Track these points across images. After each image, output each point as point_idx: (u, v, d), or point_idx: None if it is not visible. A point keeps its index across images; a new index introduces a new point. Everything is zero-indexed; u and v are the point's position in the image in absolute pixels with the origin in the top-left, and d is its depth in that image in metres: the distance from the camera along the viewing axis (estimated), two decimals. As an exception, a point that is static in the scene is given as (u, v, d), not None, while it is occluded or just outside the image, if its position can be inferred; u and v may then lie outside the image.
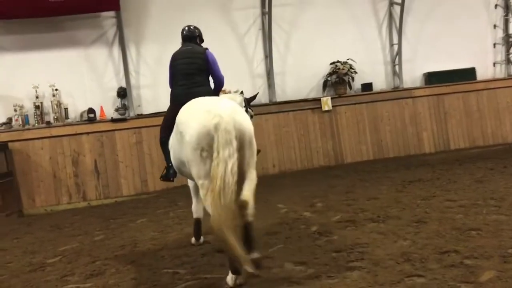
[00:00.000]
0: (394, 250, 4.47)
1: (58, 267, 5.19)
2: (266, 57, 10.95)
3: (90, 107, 9.83)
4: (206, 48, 5.42)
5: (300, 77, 11.04)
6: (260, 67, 11.02)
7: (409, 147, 11.32)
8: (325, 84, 11.11)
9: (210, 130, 3.93)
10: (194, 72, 5.14)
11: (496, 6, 12.12)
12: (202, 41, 5.70)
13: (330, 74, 11.02)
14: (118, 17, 10.03)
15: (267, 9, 10.58)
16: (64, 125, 9.73)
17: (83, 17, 9.97)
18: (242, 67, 10.90)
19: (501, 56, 12.23)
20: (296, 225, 5.95)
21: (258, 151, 4.62)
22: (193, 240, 5.52)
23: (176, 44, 10.35)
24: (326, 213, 6.42)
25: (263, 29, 10.91)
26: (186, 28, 5.58)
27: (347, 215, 6.16)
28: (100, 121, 9.88)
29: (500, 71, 12.25)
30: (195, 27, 5.61)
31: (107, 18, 10.18)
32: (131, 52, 10.33)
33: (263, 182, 9.00)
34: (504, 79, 12.07)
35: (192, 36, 5.53)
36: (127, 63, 10.15)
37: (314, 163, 10.84)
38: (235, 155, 3.83)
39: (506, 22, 12.16)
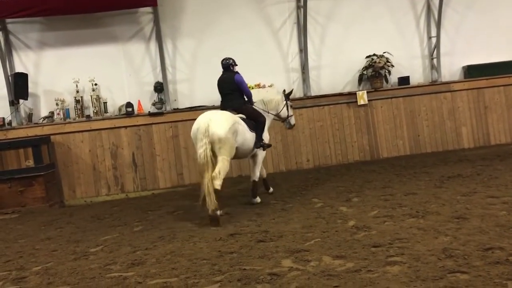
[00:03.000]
0: (435, 245, 4.40)
1: (101, 256, 5.36)
2: (301, 51, 10.90)
3: (128, 101, 10.05)
4: (236, 72, 7.51)
5: (335, 71, 10.93)
6: (295, 61, 10.97)
7: (447, 142, 11.04)
8: (360, 78, 10.96)
9: (194, 132, 6.77)
10: (228, 92, 7.47)
11: (540, -4, 11.65)
12: (235, 65, 7.68)
13: (366, 68, 10.86)
14: (155, 13, 10.18)
15: (302, 3, 10.51)
16: (103, 119, 9.99)
17: (121, 13, 10.18)
18: (277, 61, 10.88)
19: (545, 48, 11.75)
20: (333, 220, 5.93)
21: (269, 146, 7.70)
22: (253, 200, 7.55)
23: (211, 39, 10.61)
24: (363, 208, 6.38)
25: (298, 22, 10.85)
26: (223, 61, 7.63)
27: (384, 210, 6.10)
28: (137, 115, 10.09)
29: (544, 64, 11.76)
30: (228, 59, 7.64)
31: (144, 13, 10.35)
32: (168, 47, 10.48)
33: (297, 176, 9.09)
34: (547, 72, 11.60)
35: (226, 66, 7.61)
36: (163, 58, 10.30)
37: (349, 158, 10.74)
38: (204, 147, 6.44)
39: (550, 12, 11.66)
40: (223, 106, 7.44)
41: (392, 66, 10.82)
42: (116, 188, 9.92)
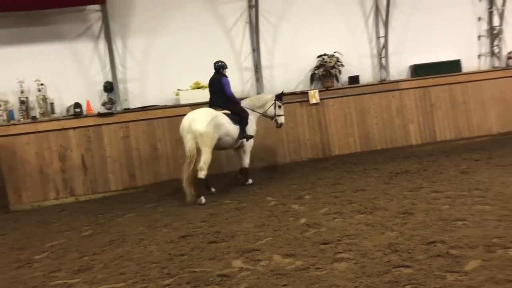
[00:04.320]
0: (382, 241, 4.53)
1: (46, 263, 5.17)
2: (253, 50, 10.92)
3: (76, 101, 9.72)
4: (224, 75, 8.61)
5: (288, 70, 11.03)
6: (247, 61, 10.98)
7: (396, 139, 11.40)
8: (312, 77, 11.12)
9: (181, 130, 8.00)
10: (215, 91, 8.62)
11: (480, -2, 12.23)
12: (225, 68, 8.72)
13: (317, 67, 11.03)
14: (104, 11, 9.89)
15: (253, 2, 10.53)
16: (50, 120, 9.60)
17: (69, 11, 9.82)
18: (229, 60, 10.62)
19: (485, 48, 12.35)
20: (285, 218, 5.99)
21: (251, 136, 8.79)
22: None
23: (163, 37, 10.43)
24: (314, 205, 6.48)
25: (250, 22, 10.86)
26: (215, 63, 8.70)
27: (335, 207, 6.22)
28: (86, 116, 9.77)
29: (484, 63, 12.37)
30: (219, 62, 8.70)
31: (93, 11, 10.04)
32: (117, 45, 10.21)
33: (251, 175, 9.10)
34: (488, 71, 12.19)
35: (217, 68, 8.69)
36: (113, 57, 10.04)
37: (302, 155, 10.87)
38: (189, 142, 7.74)
39: (490, 14, 12.26)
40: (210, 104, 8.65)
41: (343, 65, 11.04)
42: (65, 192, 9.58)
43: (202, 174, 7.74)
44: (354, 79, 11.28)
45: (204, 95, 10.19)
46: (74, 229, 6.84)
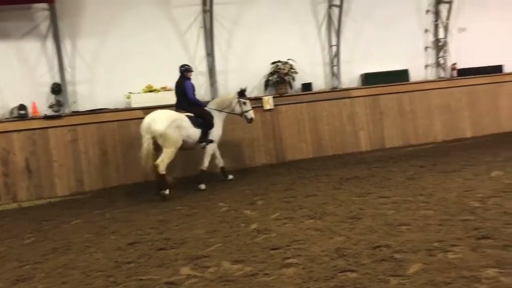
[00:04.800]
0: (330, 246, 4.60)
1: (-18, 273, 4.89)
2: (208, 55, 10.88)
3: (21, 103, 9.31)
4: (187, 79, 8.90)
5: (243, 76, 11.01)
6: (202, 65, 10.91)
7: (347, 146, 11.65)
8: (266, 84, 11.21)
9: (141, 129, 8.19)
10: (180, 94, 8.90)
11: (427, 11, 12.76)
12: (190, 72, 9.02)
13: (271, 74, 11.13)
14: (52, 10, 9.55)
15: (208, 7, 10.50)
16: (-9, 122, 9.17)
17: (13, 8, 9.42)
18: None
19: (431, 59, 12.89)
20: (236, 224, 5.97)
21: (211, 141, 8.96)
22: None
23: (115, 39, 10.22)
24: (266, 211, 6.50)
25: (205, 26, 10.82)
26: (181, 67, 9.01)
27: (286, 212, 6.27)
28: (32, 118, 9.38)
29: (431, 74, 12.91)
30: (184, 66, 9.03)
31: (40, 10, 9.66)
32: (66, 46, 9.88)
33: (205, 181, 9.04)
34: (434, 81, 12.74)
35: (181, 72, 8.99)
36: (61, 58, 9.70)
37: (256, 161, 10.91)
38: (146, 142, 7.99)
39: (436, 27, 12.83)
40: (175, 106, 8.90)
41: (296, 72, 11.20)
42: (7, 197, 9.12)
43: (161, 170, 8.04)
44: (307, 86, 11.46)
45: (157, 99, 10.07)
46: (15, 236, 6.53)
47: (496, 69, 13.05)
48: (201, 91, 10.91)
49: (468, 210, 5.37)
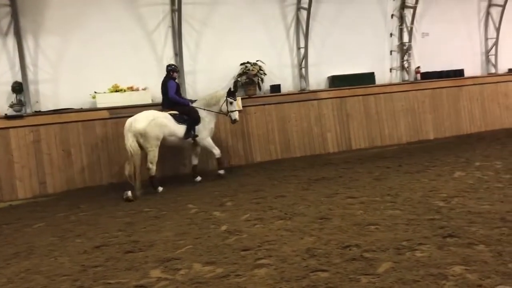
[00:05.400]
0: (300, 246, 4.62)
1: None
2: (176, 55, 10.75)
3: (-21, 102, 8.96)
4: (171, 78, 9.26)
5: (211, 77, 10.97)
6: (169, 65, 10.77)
7: (315, 147, 11.77)
8: (235, 85, 11.18)
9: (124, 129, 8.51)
10: (164, 93, 9.24)
11: (392, 16, 13.06)
12: (175, 72, 9.42)
13: (240, 75, 11.12)
14: (13, 6, 9.20)
15: (176, 6, 10.38)
16: None
17: (-28, 3, 9.06)
18: (150, 64, 10.56)
19: (396, 63, 13.21)
20: (206, 225, 5.91)
21: (196, 136, 9.21)
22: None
23: (80, 37, 9.98)
24: (236, 212, 6.47)
25: (173, 26, 10.70)
26: (167, 66, 9.44)
27: (256, 213, 6.26)
28: (-9, 118, 9.03)
29: (396, 76, 13.22)
30: (170, 65, 9.45)
31: (1, 6, 9.31)
32: (28, 44, 9.55)
33: (173, 182, 8.94)
34: (399, 84, 13.05)
35: (167, 71, 9.38)
36: (23, 56, 9.36)
37: (224, 162, 10.83)
38: (129, 140, 8.27)
39: (400, 31, 13.16)
40: (161, 105, 9.32)
41: (265, 74, 11.24)
42: (-36, 200, 8.75)
43: (152, 172, 8.54)
44: (275, 88, 11.51)
45: (123, 99, 9.89)
46: (-27, 241, 6.24)
47: (457, 73, 13.50)
48: (169, 92, 10.78)
49: (434, 210, 5.52)
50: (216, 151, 9.51)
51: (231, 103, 9.45)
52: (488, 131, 13.51)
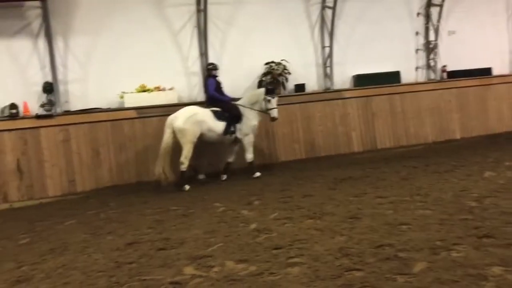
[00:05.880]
0: (332, 245, 4.60)
1: (-21, 274, 4.79)
2: (201, 55, 10.83)
3: (12, 102, 9.16)
4: (210, 76, 9.72)
5: (236, 76, 10.99)
6: (195, 65, 10.85)
7: (339, 146, 11.71)
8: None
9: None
10: (205, 90, 10.00)
11: (418, 14, 12.90)
12: (214, 70, 9.80)
13: (264, 74, 11.13)
14: (44, 8, 9.42)
15: (202, 7, 10.47)
16: (-18, 121, 9.00)
17: (4, 6, 9.25)
18: (176, 64, 10.68)
19: (422, 61, 13.03)
20: (235, 224, 5.94)
21: (233, 132, 9.44)
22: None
23: (108, 38, 10.12)
24: (264, 211, 6.48)
25: (199, 26, 10.77)
26: (207, 65, 10.04)
27: (284, 212, 6.26)
28: (23, 118, 9.24)
29: (421, 75, 13.05)
30: (209, 64, 9.95)
31: (32, 8, 9.52)
32: (59, 45, 9.76)
33: (198, 181, 9.00)
34: (425, 83, 12.88)
35: (207, 71, 9.88)
36: (53, 57, 9.56)
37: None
38: (166, 135, 8.76)
39: (426, 29, 12.98)
40: (205, 102, 9.89)
41: (289, 73, 11.23)
42: (-3, 198, 8.98)
43: (182, 167, 8.72)
44: (300, 87, 11.49)
45: (150, 99, 10.01)
46: (9, 237, 6.41)
47: (485, 72, 13.26)
48: (194, 92, 10.89)
49: (466, 210, 5.43)
50: (249, 156, 9.61)
51: (269, 100, 9.54)
52: (517, 130, 13.23)
